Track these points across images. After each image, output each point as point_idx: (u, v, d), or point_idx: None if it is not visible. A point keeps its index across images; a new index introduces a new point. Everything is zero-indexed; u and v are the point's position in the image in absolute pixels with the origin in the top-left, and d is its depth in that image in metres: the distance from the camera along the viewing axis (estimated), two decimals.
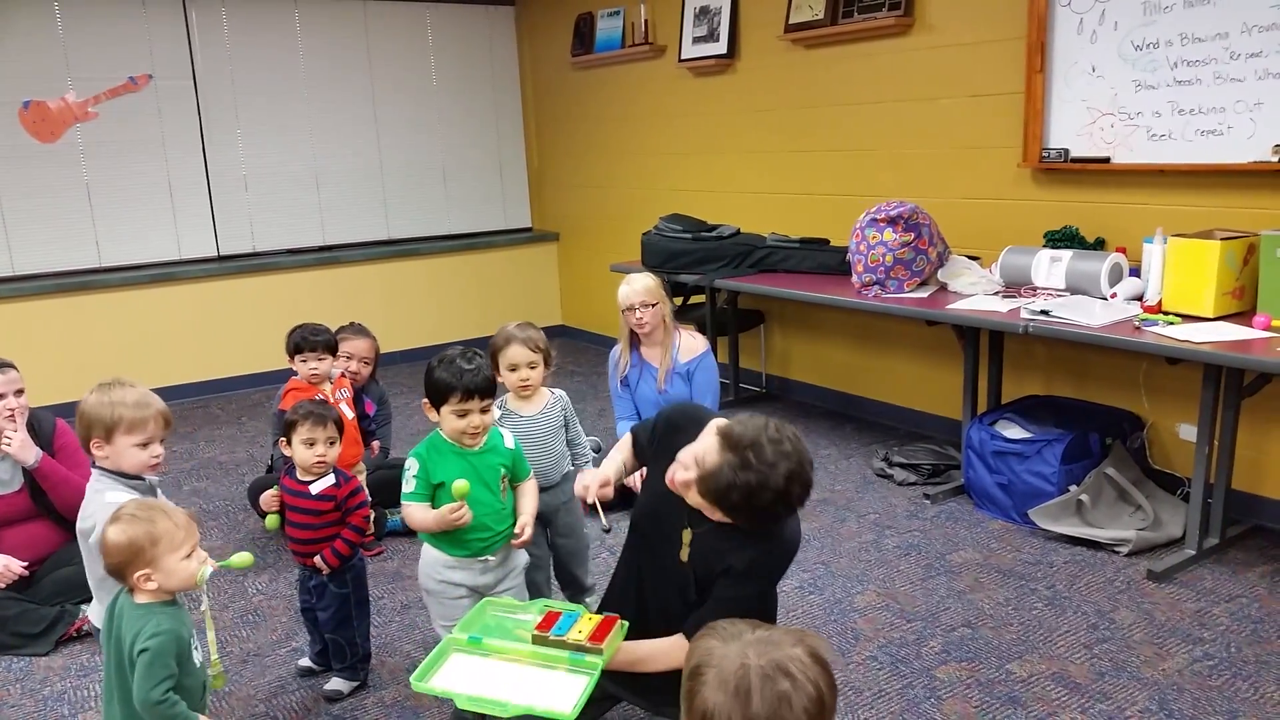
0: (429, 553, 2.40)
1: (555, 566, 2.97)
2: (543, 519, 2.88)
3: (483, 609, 2.17)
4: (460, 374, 2.28)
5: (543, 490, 2.87)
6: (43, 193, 5.46)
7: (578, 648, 1.95)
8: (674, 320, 3.74)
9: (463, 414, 2.29)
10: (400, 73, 6.50)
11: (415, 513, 2.35)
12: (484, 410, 2.32)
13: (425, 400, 2.35)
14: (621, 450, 2.40)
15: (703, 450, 1.90)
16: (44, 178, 5.45)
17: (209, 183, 5.94)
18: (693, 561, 2.06)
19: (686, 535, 2.08)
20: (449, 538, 2.34)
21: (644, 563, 2.20)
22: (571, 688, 1.88)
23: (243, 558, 2.25)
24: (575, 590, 3.01)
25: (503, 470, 2.42)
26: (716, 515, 1.95)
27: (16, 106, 5.34)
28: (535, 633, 2.00)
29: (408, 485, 2.34)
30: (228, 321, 5.97)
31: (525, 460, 2.52)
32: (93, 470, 2.26)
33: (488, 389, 2.33)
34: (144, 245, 5.79)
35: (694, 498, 1.95)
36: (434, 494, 2.34)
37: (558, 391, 2.91)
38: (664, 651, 2.02)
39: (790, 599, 3.07)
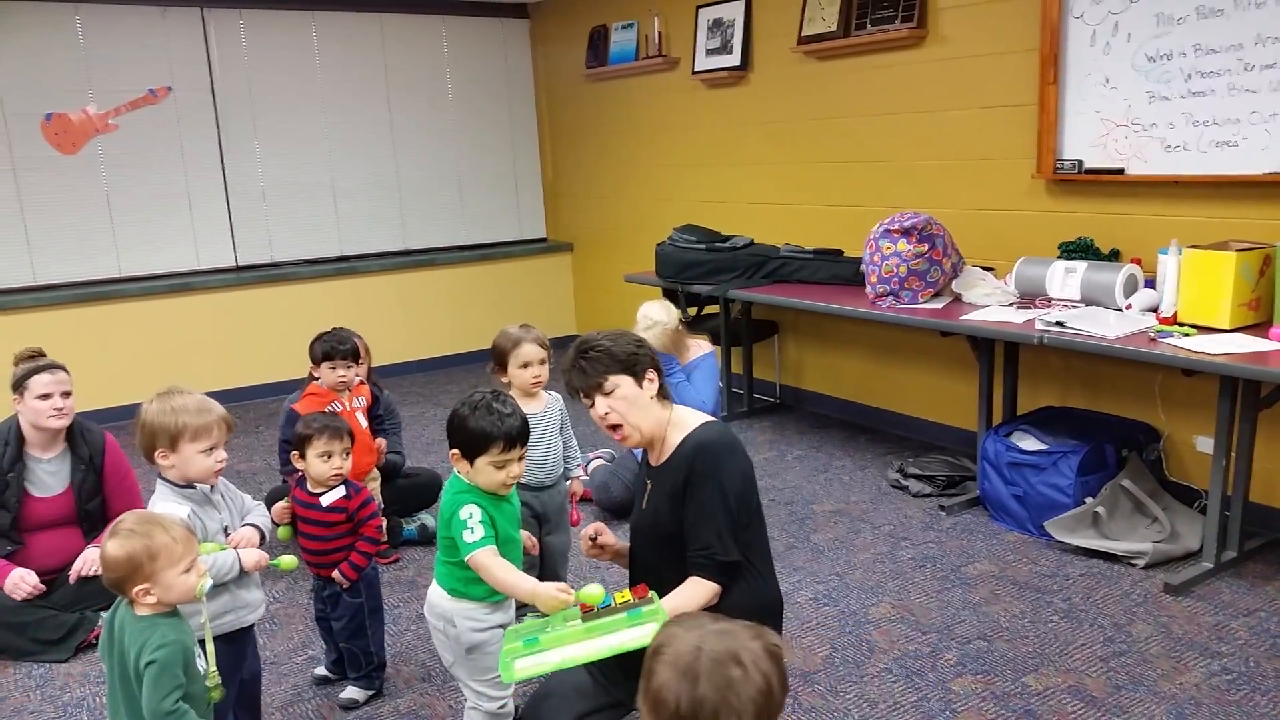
0: (462, 606, 2.18)
1: (541, 565, 3.01)
2: (540, 519, 2.97)
3: (510, 637, 2.05)
4: (501, 419, 2.09)
5: (544, 489, 2.95)
6: (64, 204, 5.53)
7: (628, 606, 1.96)
8: (685, 334, 3.93)
9: (502, 465, 2.11)
10: (416, 85, 6.55)
11: (500, 568, 2.08)
12: (520, 459, 2.15)
13: (454, 451, 2.14)
14: None
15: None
16: (65, 189, 5.52)
17: (227, 193, 6.00)
18: (653, 508, 2.18)
19: (647, 488, 2.21)
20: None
21: (635, 545, 2.27)
22: (642, 631, 1.87)
23: (289, 560, 2.32)
24: None
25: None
26: (634, 419, 2.13)
27: (39, 119, 5.41)
28: (584, 613, 1.98)
29: (475, 533, 2.08)
30: (246, 331, 6.02)
31: None
32: (158, 482, 2.24)
33: (527, 434, 2.16)
34: (163, 255, 5.86)
35: (597, 411, 2.14)
36: None
37: (554, 393, 3.02)
38: (689, 598, 2.07)
39: (804, 611, 3.07)
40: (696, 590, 2.06)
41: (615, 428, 2.14)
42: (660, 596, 2.04)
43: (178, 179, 5.83)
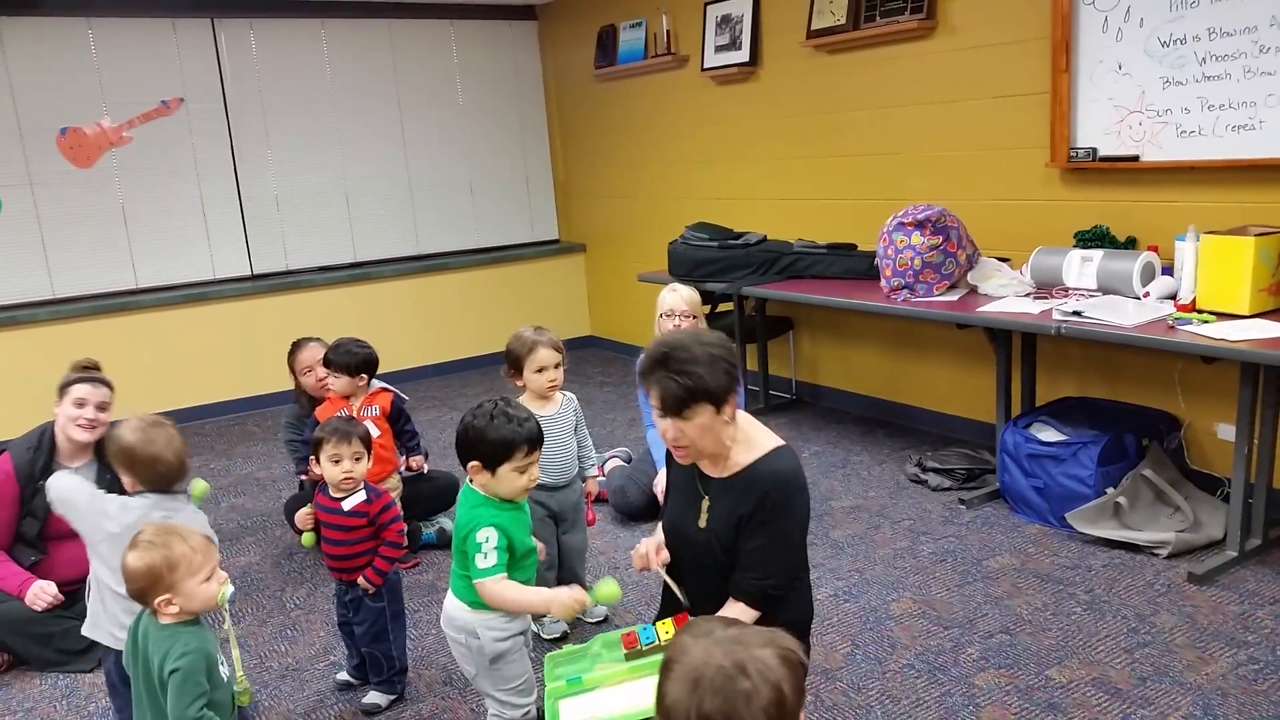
0: (483, 616, 2.18)
1: (559, 565, 3.01)
2: (555, 518, 2.97)
3: (550, 668, 2.03)
4: (520, 424, 2.13)
5: (559, 489, 2.96)
6: (80, 217, 5.58)
7: None
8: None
9: (524, 469, 2.14)
10: (426, 89, 6.57)
11: (510, 591, 2.11)
12: (536, 461, 2.19)
13: (474, 463, 2.14)
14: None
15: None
16: (81, 202, 5.57)
17: (241, 203, 6.04)
18: (712, 525, 2.15)
19: (704, 504, 2.17)
20: None
21: (677, 553, 2.24)
22: None
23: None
24: None
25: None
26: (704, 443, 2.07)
27: (53, 133, 5.45)
28: (627, 650, 1.96)
29: (489, 559, 2.09)
30: (262, 339, 6.04)
31: None
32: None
33: (542, 435, 2.20)
34: (179, 266, 5.89)
35: (667, 429, 2.07)
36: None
37: (568, 393, 3.04)
38: None
39: (825, 607, 3.06)
40: (739, 617, 2.07)
41: (678, 445, 2.10)
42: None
43: (192, 189, 5.87)
